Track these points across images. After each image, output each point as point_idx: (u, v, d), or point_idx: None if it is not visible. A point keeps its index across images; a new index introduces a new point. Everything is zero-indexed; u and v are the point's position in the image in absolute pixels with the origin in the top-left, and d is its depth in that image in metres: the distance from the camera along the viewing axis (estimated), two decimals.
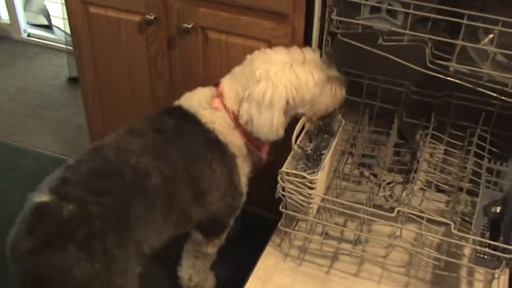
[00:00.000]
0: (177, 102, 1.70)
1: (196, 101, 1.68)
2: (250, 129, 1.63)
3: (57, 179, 1.43)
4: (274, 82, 1.59)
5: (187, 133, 1.63)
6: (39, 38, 3.55)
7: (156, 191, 1.52)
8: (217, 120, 1.65)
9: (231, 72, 1.70)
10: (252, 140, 1.68)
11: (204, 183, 1.64)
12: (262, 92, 1.58)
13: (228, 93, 1.66)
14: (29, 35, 3.58)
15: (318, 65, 1.68)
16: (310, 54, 1.68)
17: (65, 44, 3.19)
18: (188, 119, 1.65)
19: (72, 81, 3.14)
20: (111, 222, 1.40)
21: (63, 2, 2.09)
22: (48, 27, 3.55)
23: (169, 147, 1.59)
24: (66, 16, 2.12)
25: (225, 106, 1.66)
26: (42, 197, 1.38)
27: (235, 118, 1.65)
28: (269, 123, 1.60)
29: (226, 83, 1.68)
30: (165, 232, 1.60)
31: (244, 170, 1.73)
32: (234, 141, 1.67)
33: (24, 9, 3.54)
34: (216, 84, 1.70)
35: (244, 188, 1.75)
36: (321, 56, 1.78)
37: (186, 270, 1.94)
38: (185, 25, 1.85)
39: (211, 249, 1.86)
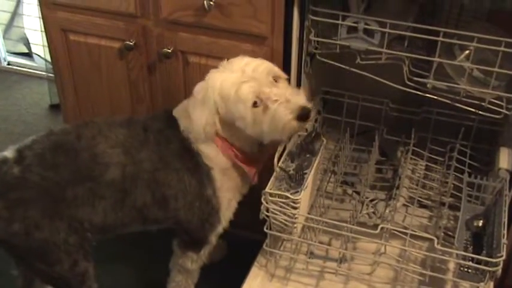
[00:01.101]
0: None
1: (182, 108, 1.71)
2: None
3: (30, 141, 1.63)
4: (210, 83, 1.60)
5: (166, 138, 1.68)
6: (19, 66, 3.55)
7: (109, 183, 1.62)
8: (192, 130, 1.66)
9: None
10: (235, 152, 1.68)
11: (168, 190, 1.67)
12: (199, 90, 1.62)
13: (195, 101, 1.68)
14: (8, 63, 3.57)
15: (262, 82, 1.56)
16: (262, 68, 1.58)
17: (46, 72, 3.19)
18: (172, 124, 1.69)
19: (54, 108, 3.14)
20: (44, 195, 1.57)
21: (43, 29, 2.09)
22: (28, 55, 3.54)
23: (146, 148, 1.65)
24: (46, 43, 2.13)
25: None
26: (9, 152, 1.60)
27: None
28: (198, 120, 1.61)
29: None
30: (110, 218, 1.67)
31: (224, 184, 1.72)
32: (207, 151, 1.67)
33: (4, 37, 3.53)
34: None
35: (222, 203, 1.74)
36: (299, 77, 1.80)
37: (170, 284, 1.95)
38: (165, 50, 1.86)
39: (191, 265, 1.86)
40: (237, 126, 1.61)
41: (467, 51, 1.62)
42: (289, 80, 1.71)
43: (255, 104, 1.56)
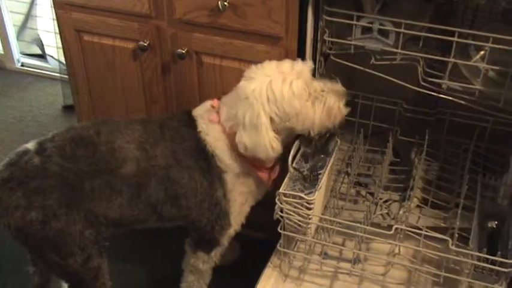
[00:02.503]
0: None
1: (202, 110, 1.73)
2: (250, 154, 1.63)
3: (51, 135, 1.67)
4: (250, 101, 1.59)
5: (182, 136, 1.69)
6: (32, 68, 3.56)
7: (125, 178, 1.64)
8: (210, 132, 1.68)
9: None
10: (248, 159, 1.68)
11: (180, 188, 1.68)
12: (243, 116, 1.60)
13: (222, 109, 1.69)
14: (22, 65, 3.59)
15: (304, 77, 1.63)
16: (299, 66, 1.64)
17: (59, 73, 3.20)
18: (190, 124, 1.70)
19: (68, 109, 3.15)
20: (62, 184, 1.60)
21: (57, 31, 2.10)
22: (42, 56, 3.56)
23: (162, 144, 1.67)
24: (59, 45, 2.14)
25: (219, 122, 1.68)
26: (30, 144, 1.64)
27: (229, 135, 1.66)
28: (261, 144, 1.60)
29: (223, 99, 1.71)
30: (126, 213, 1.69)
31: (237, 188, 1.72)
32: (223, 157, 1.68)
33: (18, 39, 3.55)
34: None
35: (232, 207, 1.74)
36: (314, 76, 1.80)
37: (182, 284, 1.96)
38: (179, 51, 1.86)
39: (203, 266, 1.87)
40: (285, 128, 1.65)
41: (482, 52, 1.61)
42: None
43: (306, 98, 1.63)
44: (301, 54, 1.76)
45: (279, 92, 1.58)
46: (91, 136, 1.66)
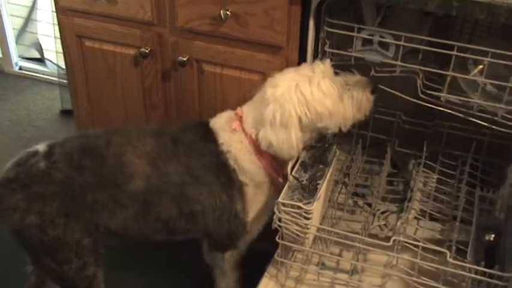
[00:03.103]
0: (210, 120, 1.75)
1: (222, 121, 1.72)
2: (273, 152, 1.64)
3: (63, 139, 1.68)
4: (281, 102, 1.60)
5: (199, 151, 1.68)
6: (30, 71, 3.56)
7: (132, 194, 1.63)
8: (233, 143, 1.67)
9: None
10: (273, 164, 1.69)
11: (197, 205, 1.68)
12: (272, 114, 1.60)
13: (247, 116, 1.68)
14: (20, 68, 3.59)
15: (328, 76, 1.65)
16: (320, 67, 1.65)
17: (58, 77, 3.20)
18: (208, 137, 1.69)
19: (65, 113, 3.15)
20: (64, 193, 1.60)
21: (56, 35, 2.11)
22: (41, 60, 3.56)
23: (175, 161, 1.65)
24: (59, 49, 2.14)
25: (243, 129, 1.68)
26: (41, 146, 1.64)
27: (254, 142, 1.67)
28: (288, 143, 1.61)
29: (245, 107, 1.71)
30: (132, 226, 1.69)
31: (256, 198, 1.73)
32: (248, 166, 1.68)
33: (17, 42, 3.55)
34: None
35: (251, 217, 1.75)
36: None
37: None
38: (180, 58, 1.87)
39: (223, 264, 1.89)
40: (314, 129, 1.67)
41: (480, 66, 1.62)
42: None
43: None
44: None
45: (309, 93, 1.60)
46: (100, 147, 1.65)
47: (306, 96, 1.60)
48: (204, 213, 1.69)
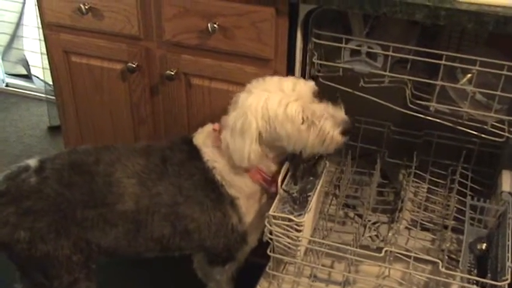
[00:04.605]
0: (194, 134, 1.74)
1: (203, 137, 1.71)
2: (228, 155, 1.64)
3: (54, 154, 1.68)
4: (246, 111, 1.58)
5: (187, 170, 1.66)
6: (17, 88, 3.54)
7: (121, 213, 1.62)
8: (217, 159, 1.66)
9: None
10: (261, 173, 1.69)
11: (192, 223, 1.67)
12: (234, 120, 1.60)
13: (224, 124, 1.67)
14: (7, 85, 3.57)
15: (303, 99, 1.59)
16: (301, 86, 1.61)
17: (45, 93, 3.19)
18: (194, 154, 1.68)
19: (53, 129, 3.13)
20: (54, 210, 1.59)
21: (43, 51, 2.10)
22: (27, 76, 3.54)
23: (164, 180, 1.64)
24: (45, 65, 2.13)
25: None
26: (33, 161, 1.64)
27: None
28: (240, 152, 1.60)
29: (222, 119, 1.69)
30: (122, 245, 1.68)
31: (250, 208, 1.72)
32: (234, 180, 1.67)
33: (3, 59, 3.53)
34: None
35: (248, 228, 1.74)
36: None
37: None
38: (168, 72, 1.86)
39: (220, 277, 1.88)
40: (276, 146, 1.63)
41: (469, 75, 1.63)
42: None
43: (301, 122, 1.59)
44: None
45: (274, 111, 1.57)
46: (90, 165, 1.65)
47: (269, 113, 1.57)
48: (199, 230, 1.69)
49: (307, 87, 1.62)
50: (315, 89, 1.64)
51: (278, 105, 1.57)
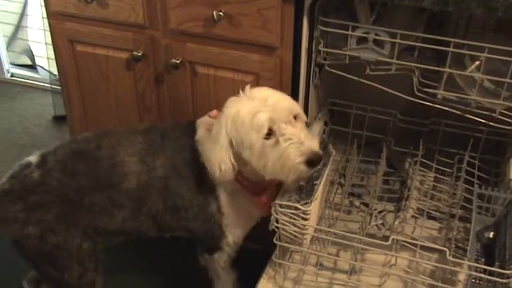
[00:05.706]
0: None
1: (204, 120, 1.70)
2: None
3: (54, 147, 1.68)
4: (225, 111, 1.56)
5: (180, 146, 1.67)
6: (22, 78, 3.54)
7: (127, 192, 1.63)
8: (205, 142, 1.64)
9: None
10: (241, 179, 1.66)
11: (179, 199, 1.68)
12: (216, 128, 1.57)
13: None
14: (12, 75, 3.57)
15: (278, 115, 1.50)
16: (282, 103, 1.54)
17: (50, 83, 3.19)
18: (189, 132, 1.68)
19: (58, 119, 3.13)
20: (62, 200, 1.60)
21: (48, 41, 2.09)
22: (32, 66, 3.54)
23: (162, 155, 1.65)
24: (50, 55, 2.13)
25: None
26: (33, 157, 1.65)
27: None
28: (212, 160, 1.56)
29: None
30: (128, 225, 1.69)
31: (231, 202, 1.70)
32: None
33: (7, 49, 3.53)
34: None
35: (227, 221, 1.73)
36: (308, 88, 1.79)
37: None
38: (173, 61, 1.86)
39: (214, 265, 1.87)
40: (243, 157, 1.56)
41: (477, 62, 1.61)
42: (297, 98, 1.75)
43: (267, 136, 1.50)
44: (295, 65, 1.76)
45: (242, 118, 1.51)
46: (92, 150, 1.65)
47: (239, 119, 1.51)
48: (185, 208, 1.69)
49: (288, 106, 1.55)
50: (298, 112, 1.57)
51: (248, 112, 1.50)
